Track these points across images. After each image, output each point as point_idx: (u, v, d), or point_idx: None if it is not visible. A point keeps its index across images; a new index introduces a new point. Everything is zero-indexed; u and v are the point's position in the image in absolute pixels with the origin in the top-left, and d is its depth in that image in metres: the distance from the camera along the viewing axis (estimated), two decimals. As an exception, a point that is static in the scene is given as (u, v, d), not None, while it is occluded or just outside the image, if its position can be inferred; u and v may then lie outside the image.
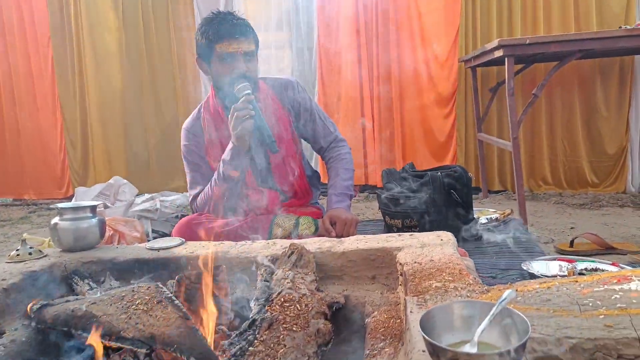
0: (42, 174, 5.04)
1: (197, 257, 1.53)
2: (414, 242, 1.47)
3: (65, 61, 4.82)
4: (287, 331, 1.13)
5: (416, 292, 1.10)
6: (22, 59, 4.92)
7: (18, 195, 5.18)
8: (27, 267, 1.47)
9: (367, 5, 4.03)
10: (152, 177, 4.72)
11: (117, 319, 1.18)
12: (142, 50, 4.66)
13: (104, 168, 4.81)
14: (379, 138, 4.11)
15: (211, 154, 2.16)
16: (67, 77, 4.84)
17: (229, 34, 1.96)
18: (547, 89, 3.67)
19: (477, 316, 0.81)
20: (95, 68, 4.75)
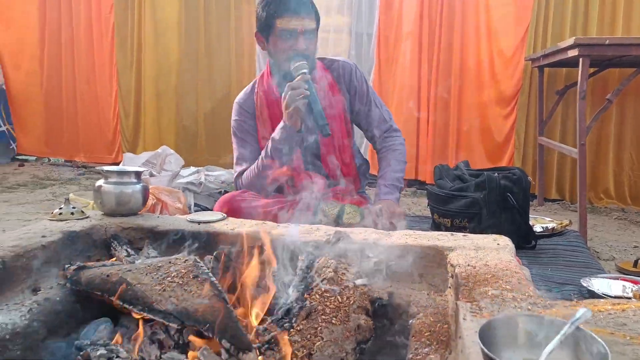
0: (94, 138, 5.15)
1: (237, 234, 1.48)
2: (468, 243, 1.37)
3: (125, 31, 4.87)
4: (326, 323, 1.06)
5: (470, 298, 1.01)
6: (85, 26, 5.01)
7: (70, 157, 5.30)
8: (67, 226, 1.45)
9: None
10: (199, 151, 4.74)
11: (151, 289, 1.14)
12: (201, 25, 4.66)
13: (153, 138, 4.85)
14: (433, 132, 3.97)
15: (261, 132, 2.11)
16: (126, 46, 4.89)
17: (290, 9, 1.89)
18: (619, 96, 3.43)
19: (544, 334, 0.72)
20: (154, 39, 4.78)
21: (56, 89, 5.21)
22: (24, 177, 4.52)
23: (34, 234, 1.36)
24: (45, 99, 5.26)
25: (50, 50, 5.16)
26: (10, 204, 3.38)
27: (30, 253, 1.27)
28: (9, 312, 1.14)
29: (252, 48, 4.55)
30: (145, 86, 4.84)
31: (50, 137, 5.33)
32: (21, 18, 5.19)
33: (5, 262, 1.20)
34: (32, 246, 1.29)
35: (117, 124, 5.00)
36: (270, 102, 2.08)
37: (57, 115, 5.25)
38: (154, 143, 4.77)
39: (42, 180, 4.41)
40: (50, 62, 5.18)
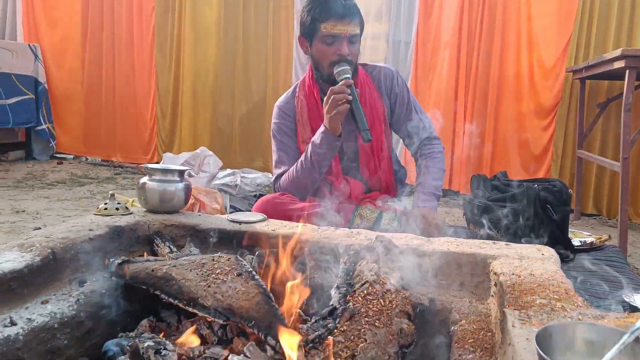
0: (131, 139, 5.25)
1: (278, 235, 1.49)
2: (511, 252, 1.35)
3: (165, 32, 4.97)
4: (369, 325, 1.06)
5: (517, 305, 0.99)
6: (126, 27, 5.13)
7: (106, 157, 5.42)
8: (113, 221, 1.49)
9: (473, 2, 3.84)
10: (233, 153, 4.79)
11: (196, 285, 1.16)
12: (239, 28, 4.72)
13: (189, 139, 4.93)
14: (469, 143, 3.93)
15: (301, 135, 2.12)
16: (165, 48, 4.99)
17: (336, 14, 1.89)
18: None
19: (602, 343, 0.70)
20: (193, 41, 4.86)
21: (96, 89, 5.34)
22: (62, 175, 4.64)
23: (81, 227, 1.39)
24: (85, 98, 5.40)
25: (92, 50, 5.30)
26: (50, 200, 3.48)
27: (78, 246, 1.30)
28: (58, 302, 1.17)
29: (289, 54, 4.59)
30: (183, 87, 4.93)
31: (88, 136, 5.46)
32: (65, 18, 5.35)
33: (56, 253, 1.23)
34: (80, 239, 1.32)
35: (154, 125, 5.10)
36: (311, 106, 2.10)
37: (95, 114, 5.38)
38: (189, 144, 4.85)
39: (79, 178, 4.52)
40: (91, 61, 5.32)
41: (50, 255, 1.20)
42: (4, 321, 1.04)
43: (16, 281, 1.11)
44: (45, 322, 1.09)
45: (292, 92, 2.19)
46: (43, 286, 1.18)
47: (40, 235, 1.29)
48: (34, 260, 1.16)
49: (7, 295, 1.09)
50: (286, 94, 2.20)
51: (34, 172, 4.66)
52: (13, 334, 1.01)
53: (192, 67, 4.88)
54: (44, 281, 1.19)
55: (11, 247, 1.21)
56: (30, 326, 1.05)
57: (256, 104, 4.74)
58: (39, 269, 1.17)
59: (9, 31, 5.55)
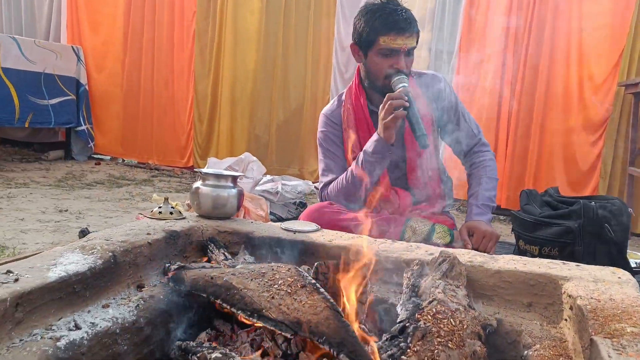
0: (167, 142, 5.29)
1: (334, 246, 1.45)
2: (584, 274, 1.28)
3: (205, 37, 5.01)
4: (442, 346, 1.00)
5: (605, 333, 0.93)
6: (167, 30, 5.18)
7: (142, 159, 5.48)
8: (168, 225, 1.47)
9: (521, 12, 3.77)
10: (269, 161, 4.78)
11: (259, 295, 1.12)
12: (279, 36, 4.72)
13: (225, 144, 4.94)
14: (512, 156, 3.84)
15: (347, 144, 2.09)
16: (205, 53, 5.03)
17: (396, 27, 1.86)
18: None
19: None
20: (233, 47, 4.88)
21: (134, 92, 5.41)
22: (100, 176, 4.69)
23: (139, 231, 1.38)
24: (124, 101, 5.48)
25: (132, 54, 5.37)
26: (91, 200, 3.51)
27: (137, 249, 1.29)
28: (118, 307, 1.15)
29: (328, 61, 4.57)
30: (221, 93, 4.95)
31: (125, 139, 5.53)
32: (107, 21, 5.44)
33: (116, 256, 1.21)
34: (139, 242, 1.31)
35: (190, 129, 5.13)
36: (358, 114, 2.06)
37: (133, 117, 5.45)
38: (226, 150, 4.86)
39: (117, 179, 4.57)
40: (131, 65, 5.39)
41: (111, 259, 1.19)
42: (69, 324, 1.02)
43: (80, 284, 1.09)
44: (108, 327, 1.07)
45: (338, 100, 2.15)
46: (104, 290, 1.17)
47: (100, 237, 1.28)
48: (96, 263, 1.15)
49: (70, 297, 1.07)
50: (332, 103, 2.17)
51: (74, 172, 4.73)
52: (78, 339, 0.99)
53: (231, 73, 4.90)
54: (105, 285, 1.17)
55: (73, 248, 1.20)
56: (94, 330, 1.03)
57: (294, 111, 4.73)
58: (101, 272, 1.15)
59: (53, 33, 5.67)
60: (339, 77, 4.48)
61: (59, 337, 0.97)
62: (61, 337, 0.97)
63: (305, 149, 4.64)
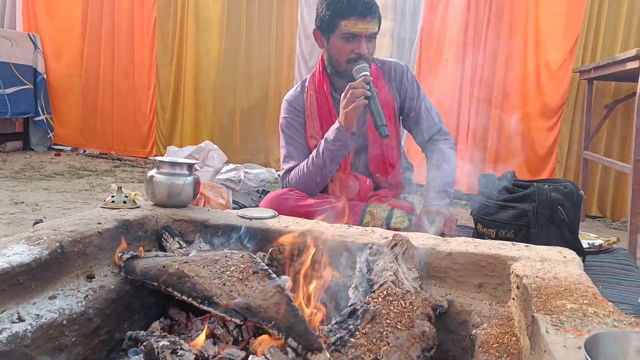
0: (129, 132, 5.20)
1: (291, 232, 1.45)
2: (532, 254, 1.32)
3: (167, 25, 4.91)
4: (391, 328, 1.02)
5: (546, 310, 0.96)
6: (127, 18, 5.06)
7: (104, 150, 5.36)
8: (121, 214, 1.45)
9: (481, 1, 3.81)
10: (234, 149, 4.75)
11: (210, 282, 1.12)
12: (242, 24, 4.67)
13: (189, 134, 4.88)
14: (472, 142, 3.90)
15: (309, 130, 2.08)
16: (167, 41, 4.94)
17: (357, 12, 1.85)
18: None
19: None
20: (195, 35, 4.81)
21: (94, 81, 5.28)
22: (60, 167, 4.58)
23: (89, 220, 1.35)
24: (83, 90, 5.34)
25: (91, 42, 5.23)
26: (49, 192, 3.42)
27: (87, 239, 1.26)
28: (66, 298, 1.13)
29: (292, 51, 4.54)
30: (184, 82, 4.87)
31: (85, 129, 5.40)
32: (65, 9, 5.28)
33: (64, 246, 1.19)
34: (89, 232, 1.28)
35: (153, 119, 5.04)
36: (321, 101, 2.06)
37: (93, 106, 5.32)
38: (189, 139, 4.80)
39: (78, 170, 4.47)
40: (90, 53, 5.25)
41: (58, 249, 1.16)
42: (12, 317, 1.00)
43: (24, 275, 1.06)
44: (54, 318, 1.04)
45: (301, 86, 2.14)
46: (51, 281, 1.14)
47: (48, 228, 1.25)
48: (42, 254, 1.12)
49: (14, 289, 1.05)
50: (295, 88, 2.16)
51: (32, 163, 4.60)
52: (21, 331, 0.97)
53: (194, 61, 4.83)
54: (52, 275, 1.15)
55: (18, 239, 1.17)
56: (38, 322, 1.01)
57: (258, 99, 4.70)
58: (47, 263, 1.12)
59: (8, 20, 5.47)
60: (303, 65, 4.46)
61: (0, 330, 0.94)
62: (3, 330, 0.94)
63: (270, 138, 4.62)
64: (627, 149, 3.54)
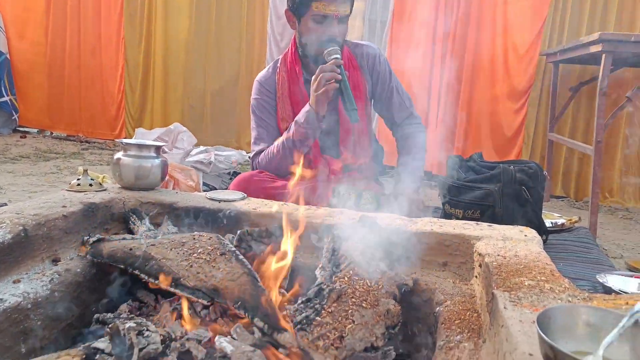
0: (96, 114, 5.09)
1: (260, 214, 1.46)
2: (495, 233, 1.35)
3: (135, 3, 4.80)
4: (356, 306, 1.04)
5: (505, 287, 0.99)
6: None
7: (71, 132, 5.25)
8: (87, 197, 1.43)
9: (451, -17, 3.83)
10: (205, 131, 4.70)
11: (177, 264, 1.12)
12: (213, 3, 4.59)
13: (159, 115, 4.81)
14: (442, 124, 3.95)
15: (280, 112, 2.08)
16: (135, 20, 4.83)
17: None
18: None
19: (603, 327, 0.70)
20: (165, 15, 4.72)
21: (59, 61, 5.14)
22: (26, 149, 4.47)
23: (54, 204, 1.33)
24: (48, 70, 5.19)
25: (56, 20, 5.08)
26: (14, 175, 3.34)
27: (51, 222, 1.25)
28: (30, 282, 1.12)
29: (263, 30, 4.49)
30: (154, 62, 4.78)
31: (52, 110, 5.26)
32: (28, -16, 5.11)
33: (27, 230, 1.17)
34: (53, 215, 1.27)
35: (121, 100, 4.94)
36: (292, 82, 2.05)
37: (59, 87, 5.19)
38: (159, 121, 4.73)
39: (44, 153, 4.37)
40: (55, 32, 5.10)
41: (21, 232, 1.15)
42: (-26, 301, 0.98)
43: (-14, 259, 1.05)
44: (18, 302, 1.04)
45: (272, 67, 2.13)
46: (14, 265, 1.13)
47: (10, 211, 1.23)
48: (5, 238, 1.10)
49: (-24, 274, 1.03)
50: (267, 69, 2.15)
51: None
52: (-16, 315, 0.96)
53: (163, 41, 4.74)
54: (15, 259, 1.13)
55: (-21, 223, 1.14)
56: (2, 307, 1.00)
57: (229, 80, 4.65)
58: (10, 247, 1.11)
59: (-34, -2, 5.26)
60: (274, 46, 4.43)
61: (-38, 314, 0.93)
62: (-35, 314, 0.93)
63: (242, 119, 4.58)
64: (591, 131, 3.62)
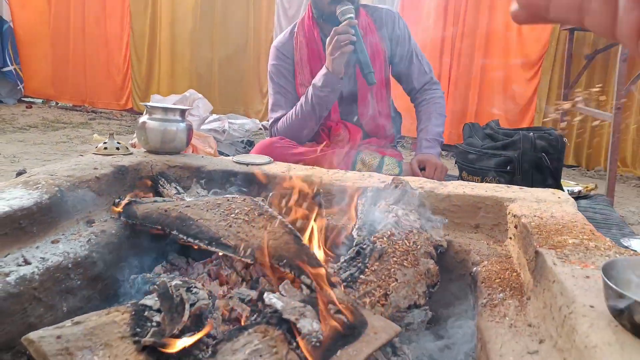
0: (102, 84, 5.04)
1: (288, 177, 1.45)
2: (527, 195, 1.35)
3: (140, -29, 4.71)
4: (398, 265, 1.04)
5: (549, 245, 0.99)
6: (98, -37, 4.83)
7: (77, 102, 5.21)
8: (116, 160, 1.42)
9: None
10: (214, 100, 4.64)
11: (216, 225, 1.12)
12: (220, -31, 4.51)
13: (166, 85, 4.77)
14: (454, 92, 3.91)
15: (299, 78, 2.06)
16: (140, -13, 4.74)
17: None
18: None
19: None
20: (170, -19, 4.63)
21: (63, 30, 5.07)
22: (33, 119, 4.44)
23: (85, 166, 1.32)
24: (52, 40, 5.13)
25: (59, -12, 5.00)
26: (25, 144, 3.33)
27: (84, 184, 1.24)
28: (69, 242, 1.12)
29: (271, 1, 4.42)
30: (160, 31, 4.71)
31: (56, 80, 5.22)
32: (29, -48, 5.01)
33: (63, 191, 1.16)
34: (86, 177, 1.26)
35: (127, 70, 4.89)
36: (310, 46, 2.02)
37: (63, 57, 5.13)
38: (167, 90, 4.69)
39: (52, 122, 4.34)
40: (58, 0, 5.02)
41: (58, 194, 1.14)
42: (17, 260, 0.98)
43: (26, 219, 1.05)
44: (60, 261, 1.03)
45: (290, 32, 2.10)
46: (52, 225, 1.13)
47: (44, 173, 1.22)
48: (42, 198, 1.10)
49: (16, 233, 1.03)
50: (284, 34, 2.12)
51: (3, 116, 4.44)
52: (29, 273, 0.96)
53: (170, 10, 4.67)
54: (52, 220, 1.13)
55: (15, 184, 1.14)
56: (44, 265, 1.00)
57: (236, 49, 4.59)
58: (48, 207, 1.11)
59: (-33, -36, 5.16)
60: (282, 13, 4.36)
61: (7, 273, 0.93)
62: (10, 273, 0.93)
63: (250, 88, 4.55)
64: (604, 100, 3.60)
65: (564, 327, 0.75)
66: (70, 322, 0.85)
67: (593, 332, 0.66)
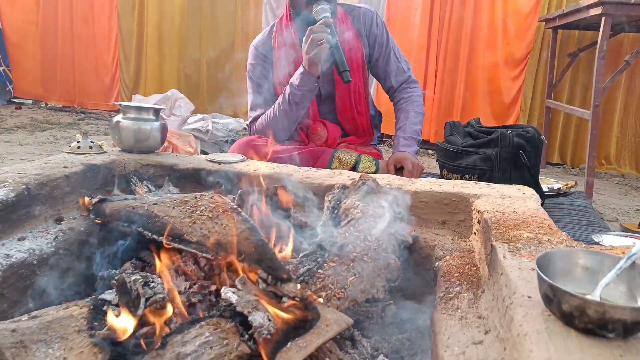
0: (90, 84, 5.04)
1: (259, 175, 1.47)
2: (493, 191, 1.37)
3: (128, -29, 4.72)
4: (358, 260, 1.06)
5: (504, 239, 1.01)
6: (85, -38, 4.83)
7: (66, 102, 5.21)
8: (88, 159, 1.44)
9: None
10: (202, 100, 4.67)
11: (180, 221, 1.13)
12: (207, -31, 4.52)
13: (154, 85, 4.77)
14: (440, 90, 3.93)
15: (277, 77, 2.07)
16: (128, -13, 4.75)
17: None
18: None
19: (600, 270, 0.72)
20: (158, -18, 4.64)
21: (52, 30, 5.07)
22: (22, 120, 4.44)
23: (55, 164, 1.34)
24: (41, 40, 5.12)
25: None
26: (11, 145, 3.33)
27: (53, 182, 1.26)
28: (35, 239, 1.13)
29: None
30: (147, 31, 4.72)
31: (45, 80, 5.21)
32: (18, -48, 5.01)
33: (30, 189, 1.18)
34: (55, 175, 1.27)
35: (116, 69, 4.89)
36: (288, 46, 2.04)
37: (52, 57, 5.13)
38: (154, 90, 4.68)
39: (40, 123, 4.34)
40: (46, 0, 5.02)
41: (24, 191, 1.16)
42: (-19, 257, 1.00)
43: (-9, 217, 1.06)
44: (24, 258, 1.05)
45: (268, 31, 2.11)
46: (19, 223, 1.14)
47: (12, 171, 1.24)
48: (8, 196, 1.11)
49: (-19, 231, 1.04)
50: (262, 34, 2.13)
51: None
52: (-9, 270, 0.97)
53: (158, 9, 4.67)
54: (19, 218, 1.14)
55: (-18, 182, 1.15)
56: (8, 262, 1.01)
57: (224, 48, 4.60)
58: (14, 205, 1.12)
59: (-45, -35, 5.16)
60: (270, 13, 4.37)
61: (-30, 269, 0.95)
62: (-27, 269, 0.95)
63: (238, 88, 4.55)
64: (589, 98, 3.62)
65: (505, 318, 0.77)
66: (26, 317, 0.87)
67: (526, 321, 0.68)
